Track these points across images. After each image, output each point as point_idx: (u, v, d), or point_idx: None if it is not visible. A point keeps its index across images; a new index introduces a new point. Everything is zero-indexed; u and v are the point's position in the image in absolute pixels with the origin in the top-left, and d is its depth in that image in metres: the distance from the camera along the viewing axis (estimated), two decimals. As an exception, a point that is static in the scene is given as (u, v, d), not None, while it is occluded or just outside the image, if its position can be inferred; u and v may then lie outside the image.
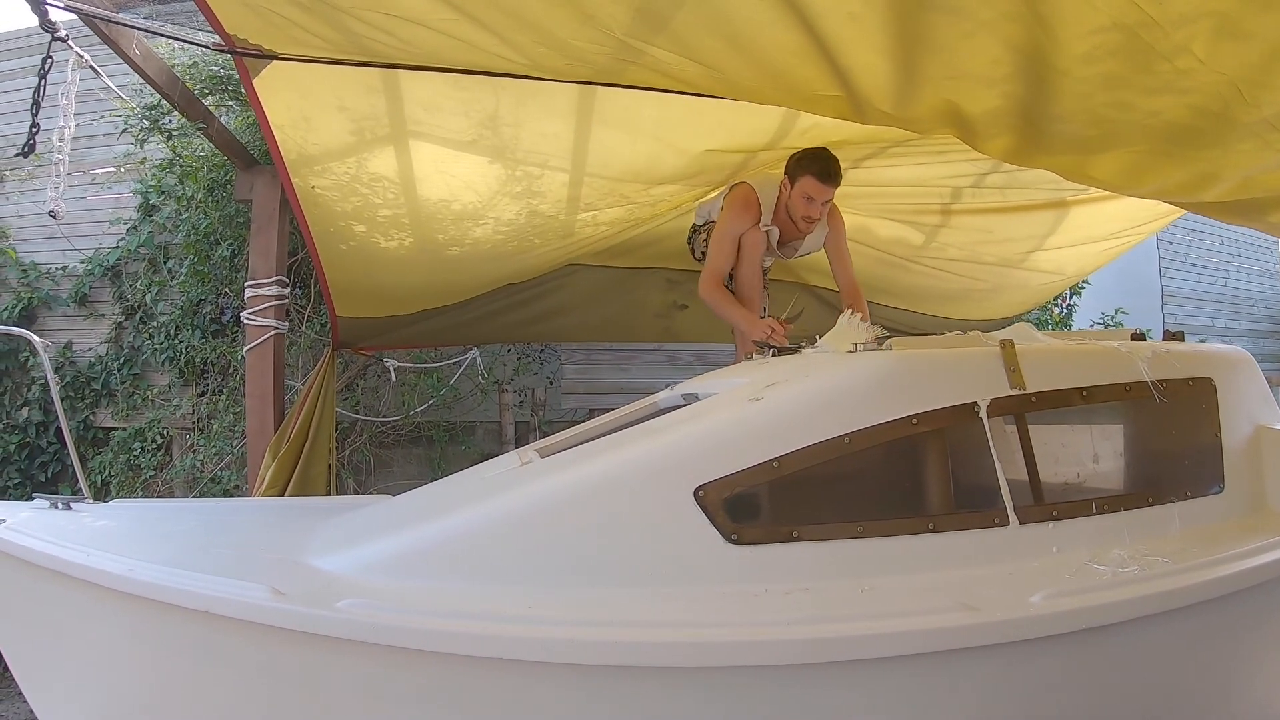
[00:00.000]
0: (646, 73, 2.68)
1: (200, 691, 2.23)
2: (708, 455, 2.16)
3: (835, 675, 1.89)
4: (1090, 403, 2.55)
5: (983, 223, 4.76)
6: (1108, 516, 2.44)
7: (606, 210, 4.05)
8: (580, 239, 4.27)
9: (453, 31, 2.61)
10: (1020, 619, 1.96)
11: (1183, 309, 12.48)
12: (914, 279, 5.25)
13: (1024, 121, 2.33)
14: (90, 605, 2.28)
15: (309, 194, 3.77)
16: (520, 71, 2.88)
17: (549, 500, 2.26)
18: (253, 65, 3.10)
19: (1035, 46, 1.98)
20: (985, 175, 4.21)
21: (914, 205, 4.56)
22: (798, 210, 3.70)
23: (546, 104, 3.24)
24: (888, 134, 3.50)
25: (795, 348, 2.80)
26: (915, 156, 3.89)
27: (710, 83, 2.67)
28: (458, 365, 6.26)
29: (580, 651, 1.88)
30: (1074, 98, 2.14)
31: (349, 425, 6.04)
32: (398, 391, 6.21)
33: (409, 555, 2.28)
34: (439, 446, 6.36)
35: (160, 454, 6.63)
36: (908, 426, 2.22)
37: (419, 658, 1.93)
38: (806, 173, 3.61)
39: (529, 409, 6.10)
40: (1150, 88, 2.02)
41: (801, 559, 2.09)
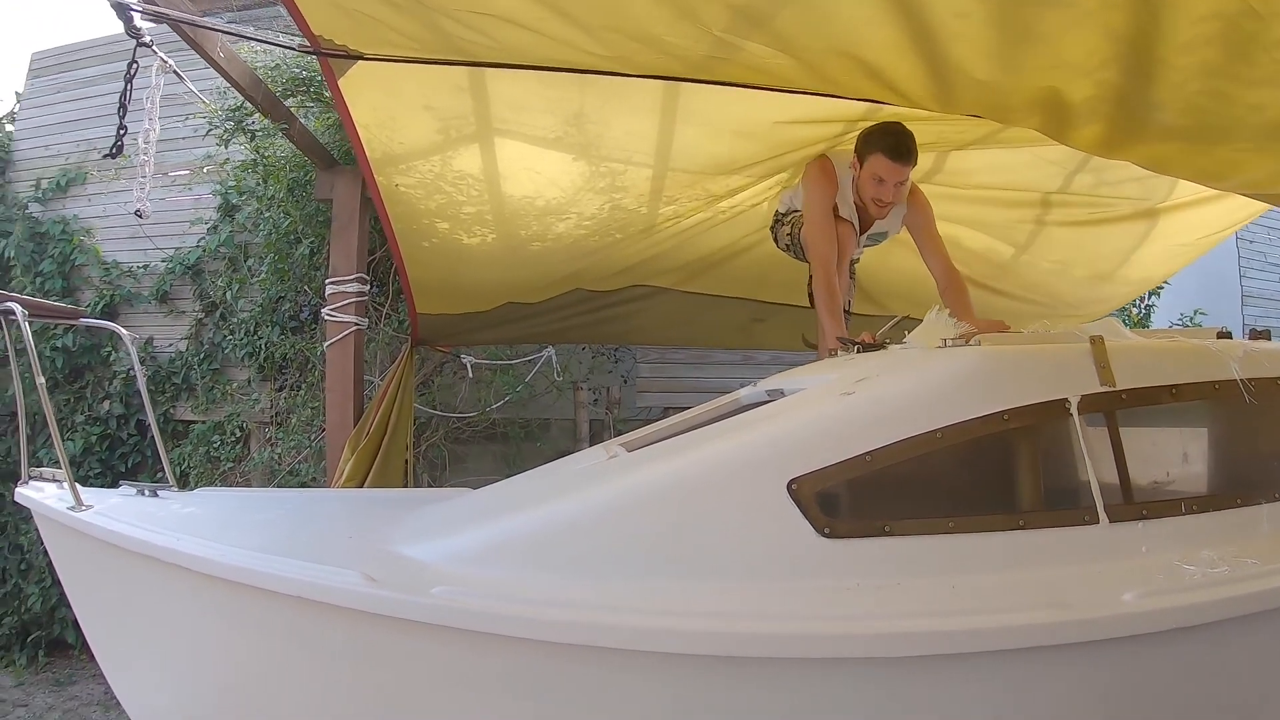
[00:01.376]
0: (737, 69, 2.69)
1: (285, 675, 2.29)
2: (800, 449, 2.17)
3: (926, 670, 1.89)
4: (1179, 401, 2.51)
5: (1075, 236, 4.65)
6: (1196, 517, 2.40)
7: (686, 204, 4.05)
8: (660, 237, 4.27)
9: (546, 30, 2.64)
10: (1112, 617, 1.94)
11: (1263, 310, 12.07)
12: (1003, 302, 5.10)
13: (1117, 109, 2.30)
14: (178, 589, 2.34)
15: (393, 192, 3.85)
16: (608, 68, 2.91)
17: (640, 493, 2.28)
18: (338, 66, 3.17)
19: (1138, 34, 1.96)
20: (1073, 175, 4.14)
21: (1002, 210, 4.44)
22: (867, 192, 3.47)
23: (631, 101, 3.27)
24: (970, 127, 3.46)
25: (880, 345, 2.80)
26: (1003, 146, 3.79)
27: (799, 76, 2.68)
28: (533, 363, 6.32)
29: (670, 641, 1.89)
30: (1170, 86, 2.11)
31: (425, 421, 6.13)
32: (474, 388, 6.30)
33: (499, 545, 2.32)
34: (514, 443, 6.43)
35: (238, 446, 6.80)
36: (999, 422, 2.20)
37: (511, 644, 1.96)
38: (876, 150, 3.36)
39: (603, 407, 6.13)
40: (1251, 79, 1.99)
41: (893, 554, 2.09)
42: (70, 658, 7.17)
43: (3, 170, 8.42)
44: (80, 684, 6.74)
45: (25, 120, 8.60)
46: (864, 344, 2.81)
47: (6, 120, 8.69)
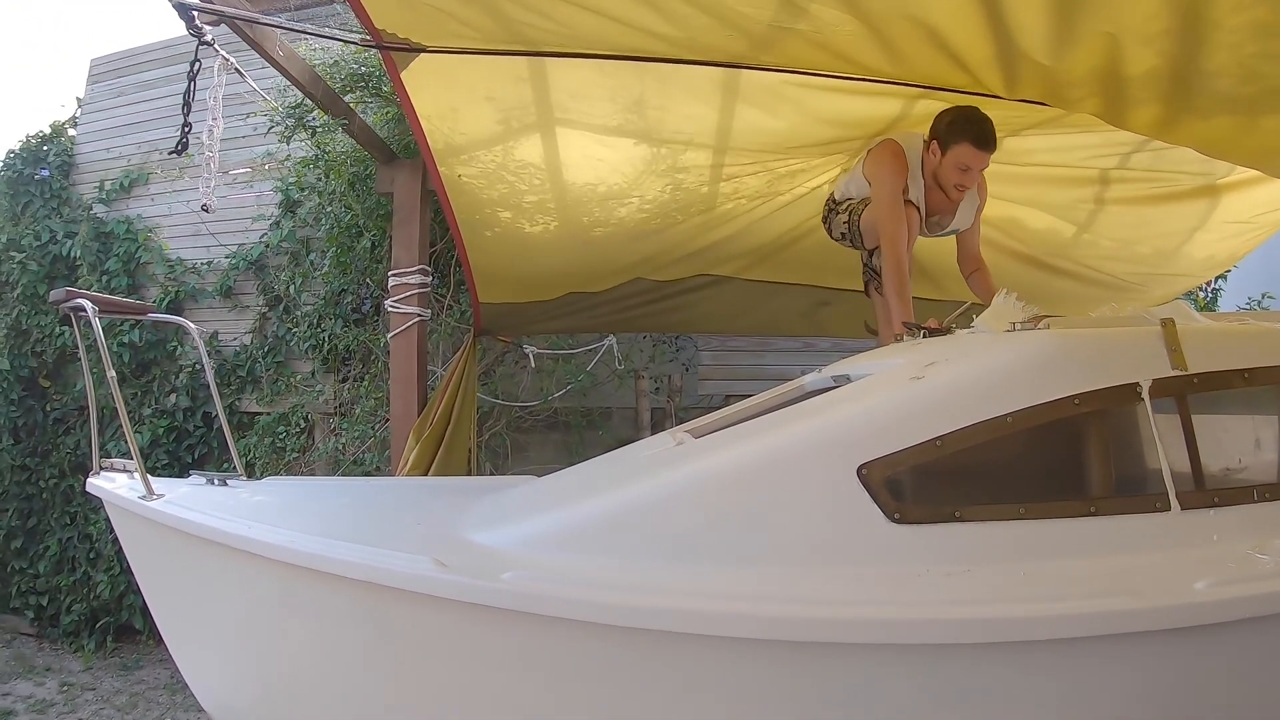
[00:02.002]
0: (801, 44, 2.67)
1: (352, 660, 2.32)
2: (870, 433, 2.16)
3: (996, 657, 1.89)
4: (1252, 385, 2.46)
5: (1135, 216, 4.58)
6: (1270, 505, 2.34)
7: (747, 180, 4.03)
8: (720, 214, 4.26)
9: (608, 10, 2.66)
10: (1184, 605, 1.92)
11: None
12: (1063, 284, 5.06)
13: (1175, 84, 2.27)
14: (249, 575, 2.39)
15: (455, 183, 3.90)
16: (671, 54, 2.92)
17: (708, 478, 2.29)
18: (400, 59, 3.22)
19: None
20: (1130, 155, 4.08)
21: (1063, 189, 4.39)
22: (950, 179, 3.47)
23: (690, 86, 3.28)
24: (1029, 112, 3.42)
25: (946, 329, 2.78)
26: (1061, 128, 3.75)
27: (867, 50, 2.66)
28: (594, 352, 6.35)
29: (740, 625, 1.90)
30: (1225, 49, 2.08)
31: (487, 410, 6.18)
32: (535, 377, 6.34)
33: (568, 531, 2.34)
34: (576, 432, 6.46)
35: (303, 437, 6.93)
36: (1070, 407, 2.18)
37: (582, 629, 1.98)
38: (963, 139, 3.35)
39: (665, 395, 6.12)
40: None
41: (963, 540, 2.08)
42: (137, 643, 7.37)
43: (67, 173, 8.64)
44: (147, 668, 6.93)
45: (86, 125, 8.83)
46: (930, 329, 2.80)
47: (69, 125, 8.91)
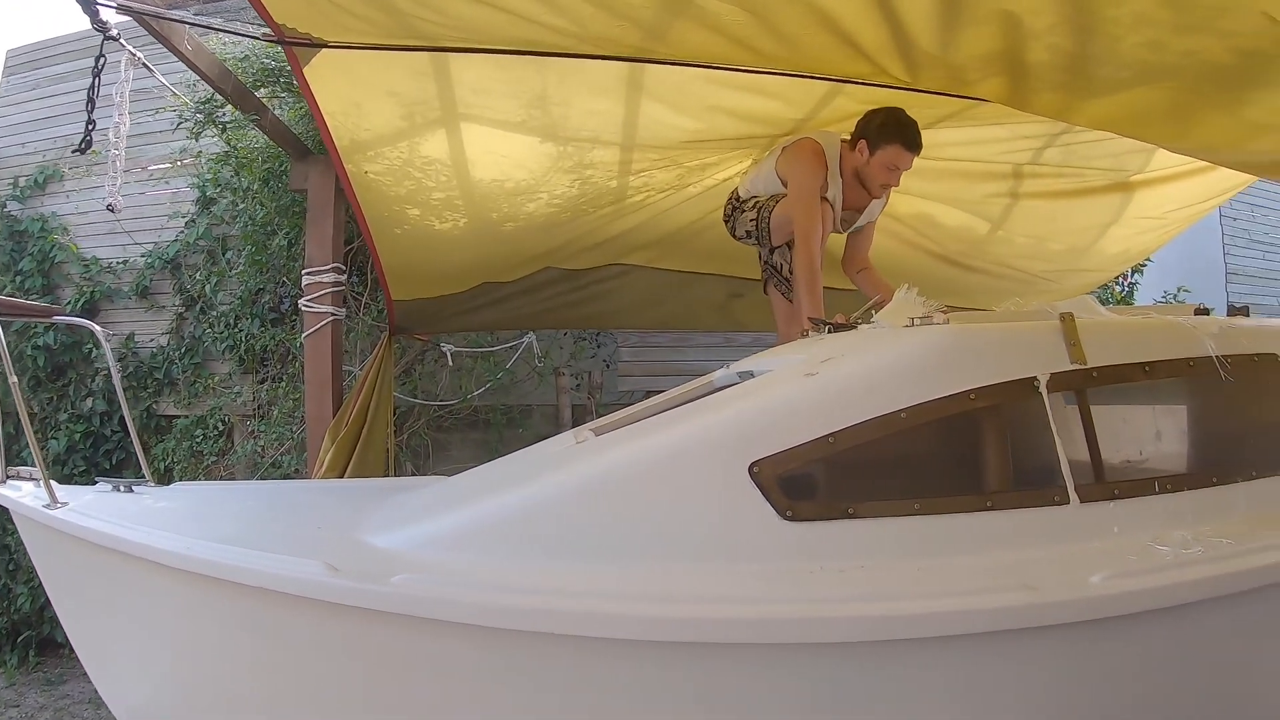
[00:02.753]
0: (694, 29, 2.64)
1: (257, 667, 2.26)
2: (762, 431, 2.14)
3: (890, 654, 1.87)
4: (1153, 379, 2.48)
5: (1048, 209, 4.63)
6: (1170, 496, 2.37)
7: (656, 174, 4.02)
8: (630, 204, 4.24)
9: (501, 3, 2.61)
10: (1081, 599, 1.91)
11: (1248, 287, 12.12)
12: (976, 280, 5.12)
13: (1069, 74, 2.28)
14: (151, 584, 2.32)
15: (362, 180, 3.84)
16: (567, 47, 2.89)
17: (602, 477, 2.26)
18: (303, 54, 3.17)
19: None
20: (1042, 150, 4.12)
21: (976, 185, 4.43)
22: (878, 178, 3.52)
23: (593, 81, 3.25)
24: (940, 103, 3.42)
25: (851, 325, 2.76)
26: (973, 121, 3.75)
27: (765, 41, 2.64)
28: (514, 349, 6.29)
29: (630, 627, 1.88)
30: (1108, 39, 2.09)
31: (407, 409, 6.10)
32: (455, 376, 6.26)
33: (464, 531, 2.30)
34: (496, 430, 6.39)
35: (222, 440, 6.76)
36: (965, 402, 2.17)
37: (472, 632, 1.94)
38: (895, 141, 3.42)
39: (585, 392, 6.10)
40: (1185, 26, 1.96)
41: (857, 536, 2.06)
42: (61, 657, 7.13)
43: (-20, 169, 8.34)
44: (71, 682, 6.71)
45: (2, 118, 8.50)
46: (835, 325, 2.78)
47: (-17, 118, 8.59)
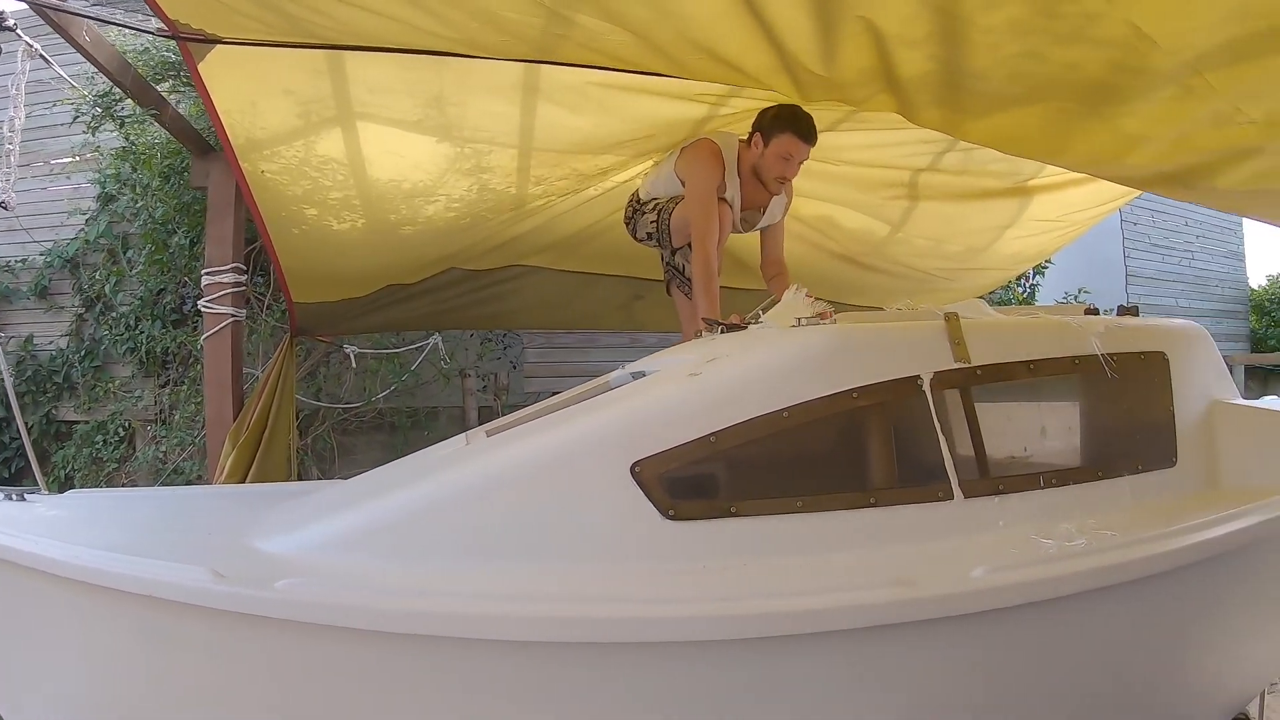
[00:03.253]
0: (581, 49, 2.65)
1: (149, 675, 2.20)
2: (644, 431, 2.13)
3: (770, 651, 1.86)
4: (1037, 376, 2.53)
5: (947, 211, 4.72)
6: (1056, 491, 2.43)
7: (556, 183, 4.01)
8: (530, 207, 4.22)
9: (386, 10, 2.59)
10: (959, 593, 1.94)
11: (1147, 289, 12.64)
12: (875, 279, 5.20)
13: (949, 87, 2.31)
14: (40, 592, 2.25)
15: (259, 179, 3.76)
16: (460, 50, 2.86)
17: (487, 478, 2.23)
18: (197, 50, 3.11)
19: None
20: (942, 154, 4.19)
21: (876, 188, 4.49)
22: (771, 170, 3.53)
23: (490, 82, 3.22)
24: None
25: (743, 325, 2.77)
26: (874, 125, 3.82)
27: (645, 55, 2.65)
28: (419, 350, 6.22)
29: (512, 628, 1.85)
30: (986, 50, 2.12)
31: (312, 413, 6.01)
32: (360, 378, 6.17)
33: (351, 535, 2.27)
34: (402, 433, 6.33)
35: (123, 446, 6.58)
36: (848, 401, 2.19)
37: (355, 636, 1.90)
38: (786, 130, 3.44)
39: (492, 394, 6.07)
40: (1060, 35, 1.99)
41: (739, 535, 2.07)
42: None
43: (-122, 164, 7.98)
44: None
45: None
46: (728, 325, 2.78)
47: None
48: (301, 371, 5.61)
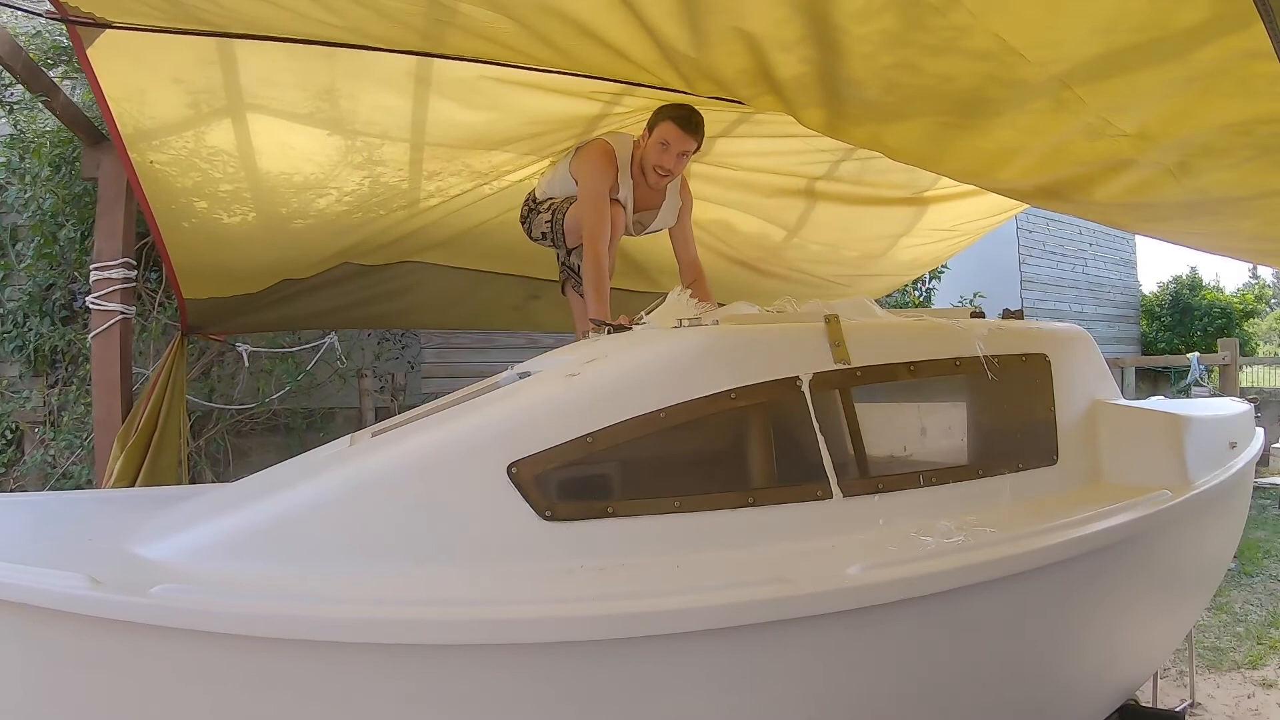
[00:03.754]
0: (469, 38, 2.64)
1: (26, 684, 2.11)
2: (521, 432, 2.12)
3: (648, 651, 1.87)
4: (918, 377, 2.58)
5: (843, 218, 4.80)
6: (936, 489, 2.48)
7: (449, 179, 3.99)
8: (424, 204, 4.18)
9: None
10: (835, 590, 1.96)
11: (1041, 294, 13.14)
12: (771, 284, 5.25)
13: (827, 91, 2.35)
14: None
15: (148, 170, 3.67)
16: (349, 40, 2.82)
17: (366, 479, 2.20)
18: (86, 34, 3.03)
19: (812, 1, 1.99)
20: (839, 163, 4.27)
21: (773, 193, 4.54)
22: (650, 158, 3.57)
23: (382, 76, 3.19)
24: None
25: (629, 326, 2.78)
26: (767, 130, 3.87)
27: (533, 45, 2.64)
28: (315, 350, 6.09)
29: (389, 631, 1.83)
30: (861, 59, 2.16)
31: (205, 414, 5.84)
32: (254, 378, 6.01)
33: (230, 539, 2.21)
34: (297, 435, 6.17)
35: (11, 449, 6.30)
36: (726, 401, 2.21)
37: (231, 642, 1.86)
38: (666, 118, 3.48)
39: (389, 394, 5.97)
40: (932, 46, 2.03)
41: (617, 535, 2.07)
42: None
43: None
44: None
45: None
46: (614, 326, 2.78)
47: None
48: (194, 371, 5.45)
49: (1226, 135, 2.19)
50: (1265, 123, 2.08)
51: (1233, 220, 2.97)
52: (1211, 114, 2.09)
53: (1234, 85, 1.94)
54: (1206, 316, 15.93)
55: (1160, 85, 2.01)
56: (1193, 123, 2.15)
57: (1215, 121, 2.13)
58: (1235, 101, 2.00)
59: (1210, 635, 5.24)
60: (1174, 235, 3.54)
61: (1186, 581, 3.31)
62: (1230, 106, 2.04)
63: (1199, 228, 3.20)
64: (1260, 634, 5.26)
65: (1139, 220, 3.29)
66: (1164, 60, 1.91)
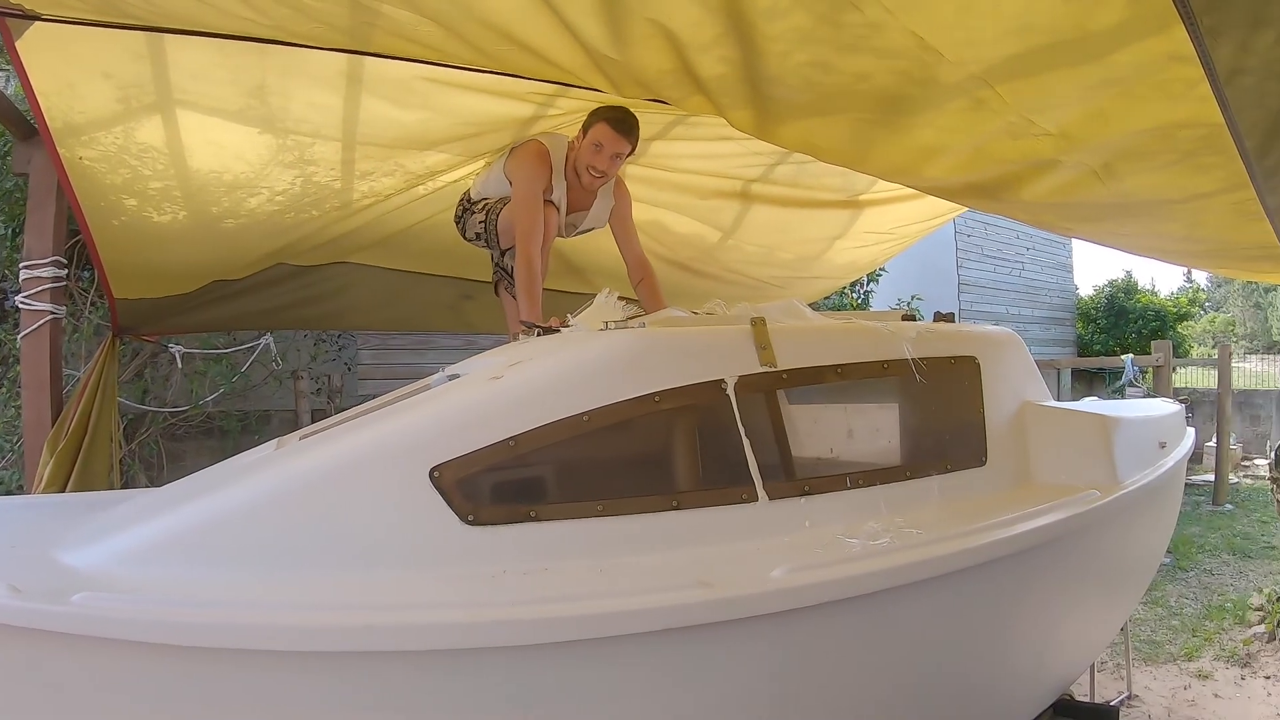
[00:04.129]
0: (395, 39, 2.62)
1: None
2: (443, 435, 2.10)
3: (571, 656, 1.86)
4: (846, 379, 2.59)
5: (779, 220, 4.83)
6: (864, 490, 2.49)
7: (383, 179, 3.95)
8: (357, 204, 4.14)
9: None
10: (757, 594, 1.96)
11: (979, 297, 13.41)
12: (710, 285, 5.28)
13: (751, 91, 2.35)
14: None
15: (77, 166, 3.60)
16: (277, 37, 2.78)
17: (288, 484, 2.16)
18: (15, 26, 2.97)
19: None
20: (774, 166, 4.30)
21: (708, 195, 4.57)
22: (584, 159, 3.58)
23: (313, 74, 3.16)
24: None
25: (557, 329, 2.77)
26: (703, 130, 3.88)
27: (459, 47, 2.63)
28: (250, 351, 6.01)
29: (311, 638, 1.80)
30: (776, 57, 2.16)
31: (138, 417, 5.74)
32: (188, 380, 5.92)
33: (154, 545, 2.16)
34: (232, 438, 6.11)
35: (-58, 455, 6.16)
36: (651, 404, 2.21)
37: (150, 650, 1.83)
38: (601, 120, 3.50)
39: (325, 396, 5.90)
40: (845, 44, 2.03)
41: (540, 539, 2.06)
42: None
43: None
44: None
45: None
46: (544, 328, 2.77)
47: None
48: (126, 373, 5.34)
49: (1147, 139, 2.21)
50: (1185, 127, 2.10)
51: (1159, 223, 3.02)
52: (1131, 118, 2.11)
53: (1152, 89, 1.95)
54: (1141, 319, 16.38)
55: (1078, 87, 2.03)
56: (1113, 126, 2.17)
57: (1135, 125, 2.15)
58: (1155, 105, 2.02)
59: (1146, 629, 5.36)
60: (1104, 237, 3.60)
61: (1119, 578, 3.37)
62: (1150, 110, 2.06)
63: (1127, 229, 3.25)
64: (1195, 627, 5.39)
65: (1068, 221, 3.34)
66: (1081, 62, 1.93)
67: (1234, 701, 4.30)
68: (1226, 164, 2.26)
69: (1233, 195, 2.48)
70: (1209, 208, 2.67)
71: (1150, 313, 16.60)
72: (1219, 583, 6.46)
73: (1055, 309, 16.33)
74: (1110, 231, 3.40)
